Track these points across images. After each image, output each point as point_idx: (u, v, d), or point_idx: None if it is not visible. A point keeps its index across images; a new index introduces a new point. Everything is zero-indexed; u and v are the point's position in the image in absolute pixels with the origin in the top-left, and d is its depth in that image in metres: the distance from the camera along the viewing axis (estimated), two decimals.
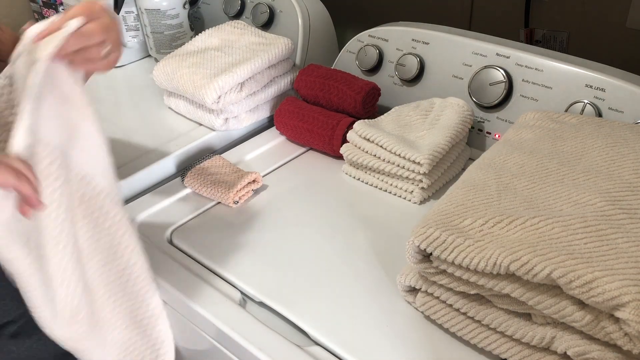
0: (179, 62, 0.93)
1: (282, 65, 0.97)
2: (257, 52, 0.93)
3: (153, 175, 0.85)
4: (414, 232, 0.54)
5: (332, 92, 0.88)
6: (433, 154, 0.74)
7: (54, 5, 1.19)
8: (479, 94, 0.83)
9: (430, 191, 0.77)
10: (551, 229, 0.51)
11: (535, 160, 0.62)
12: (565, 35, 0.96)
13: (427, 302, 0.57)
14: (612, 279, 0.44)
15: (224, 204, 0.77)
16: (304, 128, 0.86)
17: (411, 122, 0.82)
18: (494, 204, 0.55)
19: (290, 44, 0.96)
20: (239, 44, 0.97)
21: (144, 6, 1.09)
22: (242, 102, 0.92)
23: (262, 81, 0.94)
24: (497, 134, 0.83)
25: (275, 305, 0.62)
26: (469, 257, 0.50)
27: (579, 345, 0.48)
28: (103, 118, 0.97)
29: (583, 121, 0.68)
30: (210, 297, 0.63)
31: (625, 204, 0.53)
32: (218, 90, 0.87)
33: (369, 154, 0.78)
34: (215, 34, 1.00)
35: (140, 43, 1.18)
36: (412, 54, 0.89)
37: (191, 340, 0.68)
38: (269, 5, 1.06)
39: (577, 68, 0.76)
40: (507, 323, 0.52)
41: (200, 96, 0.88)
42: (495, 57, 0.82)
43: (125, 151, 0.88)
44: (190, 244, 0.71)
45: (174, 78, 0.92)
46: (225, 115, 0.91)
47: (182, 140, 0.90)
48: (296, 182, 0.81)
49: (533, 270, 0.47)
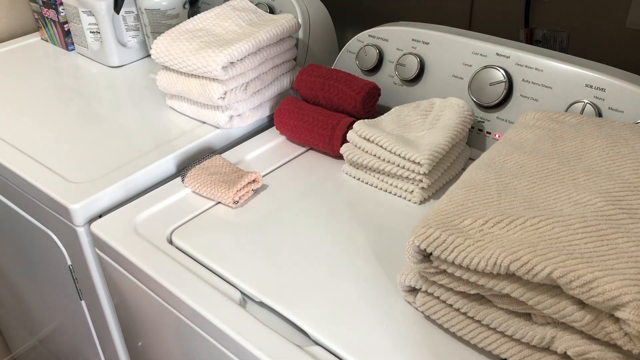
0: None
1: (285, 60, 0.97)
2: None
3: (153, 175, 0.85)
4: (414, 232, 0.54)
5: (332, 92, 0.88)
6: (433, 154, 0.74)
7: (54, 5, 1.19)
8: (479, 93, 0.83)
9: (430, 191, 0.77)
10: (551, 229, 0.51)
11: (535, 160, 0.62)
12: (565, 35, 0.96)
13: (427, 302, 0.57)
14: (612, 279, 0.44)
15: (224, 204, 0.77)
16: (304, 128, 0.86)
17: (411, 122, 0.82)
18: (494, 204, 0.55)
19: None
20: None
21: (144, 6, 1.09)
22: (247, 100, 0.92)
23: (266, 80, 0.94)
24: (497, 134, 0.83)
25: (275, 305, 0.62)
26: (469, 257, 0.50)
27: (579, 345, 0.48)
28: (103, 118, 0.97)
29: (583, 121, 0.68)
30: (210, 297, 0.63)
31: (625, 204, 0.53)
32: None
33: (369, 154, 0.78)
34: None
35: (140, 43, 1.18)
36: (412, 54, 0.89)
37: (191, 340, 0.68)
38: (269, 5, 1.06)
39: (577, 68, 0.76)
40: (507, 323, 0.52)
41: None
42: (495, 57, 0.82)
43: (125, 151, 0.88)
44: (190, 244, 0.71)
45: (178, 82, 0.92)
46: (230, 113, 0.91)
47: (182, 140, 0.90)
48: (296, 182, 0.81)
49: (533, 270, 0.47)
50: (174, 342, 0.72)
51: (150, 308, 0.72)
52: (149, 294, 0.70)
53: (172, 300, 0.66)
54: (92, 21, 1.13)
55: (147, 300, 0.71)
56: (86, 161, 0.86)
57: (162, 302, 0.68)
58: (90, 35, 1.15)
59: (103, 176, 0.82)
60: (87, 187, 0.80)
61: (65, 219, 0.79)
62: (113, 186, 0.80)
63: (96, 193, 0.79)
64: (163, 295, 0.67)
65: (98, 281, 0.84)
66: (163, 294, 0.67)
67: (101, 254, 0.76)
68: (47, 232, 0.86)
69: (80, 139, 0.91)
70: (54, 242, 0.86)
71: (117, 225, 0.75)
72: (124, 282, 0.74)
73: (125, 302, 0.78)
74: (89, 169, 0.84)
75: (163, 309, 0.69)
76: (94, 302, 0.88)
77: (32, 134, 0.93)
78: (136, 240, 0.72)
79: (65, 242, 0.84)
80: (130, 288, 0.74)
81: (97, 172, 0.83)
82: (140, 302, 0.73)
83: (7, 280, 1.15)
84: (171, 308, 0.67)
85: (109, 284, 0.80)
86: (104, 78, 1.12)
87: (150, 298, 0.70)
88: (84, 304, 0.91)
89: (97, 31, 1.14)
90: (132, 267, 0.70)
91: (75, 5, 1.13)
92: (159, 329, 0.73)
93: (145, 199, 0.79)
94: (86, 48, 1.18)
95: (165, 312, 0.69)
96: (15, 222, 0.94)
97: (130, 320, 0.80)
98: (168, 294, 0.66)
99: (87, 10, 1.12)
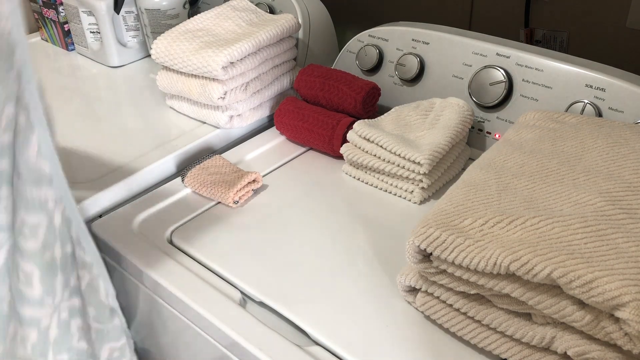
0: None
1: (285, 60, 0.97)
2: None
3: (153, 175, 0.85)
4: (414, 232, 0.54)
5: (332, 92, 0.88)
6: (433, 154, 0.74)
7: (53, 5, 1.19)
8: (479, 93, 0.83)
9: (430, 191, 0.77)
10: (551, 229, 0.51)
11: (535, 160, 0.62)
12: (565, 35, 0.96)
13: (427, 302, 0.57)
14: (612, 279, 0.44)
15: (224, 204, 0.77)
16: (304, 128, 0.86)
17: (411, 122, 0.82)
18: (494, 204, 0.55)
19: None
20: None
21: (144, 6, 1.09)
22: (247, 100, 0.92)
23: (266, 80, 0.94)
24: (497, 134, 0.83)
25: (275, 305, 0.62)
26: (469, 257, 0.50)
27: (579, 345, 0.48)
28: (103, 118, 0.97)
29: (583, 121, 0.68)
30: (210, 297, 0.63)
31: (625, 204, 0.53)
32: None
33: (369, 153, 0.78)
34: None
35: (140, 43, 1.18)
36: (412, 54, 0.89)
37: (191, 340, 0.68)
38: (269, 5, 1.06)
39: (577, 68, 0.76)
40: (507, 323, 0.52)
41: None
42: (495, 57, 0.82)
43: (125, 151, 0.88)
44: (190, 244, 0.71)
45: (178, 82, 0.92)
46: (230, 113, 0.91)
47: (182, 140, 0.90)
48: (296, 182, 0.81)
49: (533, 270, 0.47)
50: (174, 342, 0.72)
51: (151, 308, 0.72)
52: (149, 294, 0.70)
53: (172, 301, 0.66)
54: (92, 21, 1.13)
55: (148, 301, 0.71)
56: (86, 161, 0.86)
57: (162, 302, 0.68)
58: (90, 35, 1.15)
59: (103, 176, 0.82)
60: (87, 187, 0.80)
61: None
62: (113, 186, 0.80)
63: (96, 193, 0.79)
64: (163, 296, 0.67)
65: None
66: (163, 294, 0.67)
67: (101, 254, 0.76)
68: None
69: (80, 139, 0.91)
70: None
71: (117, 225, 0.75)
72: (124, 282, 0.74)
73: (126, 303, 0.78)
74: (89, 169, 0.84)
75: (163, 309, 0.69)
76: None
77: None
78: (136, 240, 0.72)
79: None
80: (130, 288, 0.74)
81: (97, 172, 0.83)
82: (141, 302, 0.73)
83: None
84: (171, 308, 0.67)
85: None
86: (104, 78, 1.12)
87: (150, 298, 0.70)
88: None
89: (97, 31, 1.14)
90: (132, 267, 0.70)
91: (75, 5, 1.13)
92: (159, 329, 0.73)
93: (145, 199, 0.79)
94: (86, 48, 1.18)
95: (165, 312, 0.69)
96: None
97: (131, 320, 0.80)
98: (168, 294, 0.66)
99: (87, 10, 1.12)
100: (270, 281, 0.64)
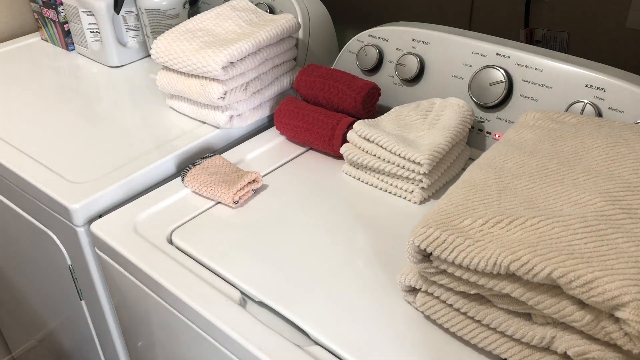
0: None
1: (285, 61, 0.97)
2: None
3: (153, 175, 0.85)
4: (414, 232, 0.54)
5: (332, 92, 0.88)
6: (433, 154, 0.74)
7: (53, 5, 1.19)
8: (479, 93, 0.83)
9: (430, 191, 0.77)
10: (551, 229, 0.51)
11: (535, 160, 0.62)
12: (565, 35, 0.95)
13: (427, 302, 0.57)
14: (612, 278, 0.44)
15: (224, 204, 0.77)
16: (304, 128, 0.86)
17: (411, 122, 0.82)
18: (494, 204, 0.55)
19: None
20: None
21: (144, 6, 1.09)
22: (247, 100, 0.92)
23: (266, 80, 0.94)
24: (497, 134, 0.83)
25: (275, 305, 0.62)
26: (469, 257, 0.50)
27: (579, 345, 0.48)
28: (103, 118, 0.97)
29: (583, 121, 0.68)
30: (210, 297, 0.63)
31: (625, 204, 0.53)
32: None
33: (369, 153, 0.78)
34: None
35: (140, 43, 1.18)
36: (412, 54, 0.89)
37: (191, 340, 0.68)
38: (269, 5, 1.06)
39: (577, 68, 0.76)
40: (507, 323, 0.52)
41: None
42: (495, 57, 0.82)
43: (125, 151, 0.88)
44: (190, 244, 0.71)
45: (178, 82, 0.92)
46: (230, 113, 0.91)
47: (182, 140, 0.90)
48: (296, 182, 0.81)
49: (533, 270, 0.47)
50: (174, 342, 0.72)
51: (150, 308, 0.72)
52: (149, 294, 0.70)
53: (172, 300, 0.66)
54: (92, 21, 1.13)
55: (147, 300, 0.71)
56: (86, 161, 0.86)
57: (162, 302, 0.68)
58: (90, 35, 1.15)
59: (103, 176, 0.82)
60: (87, 187, 0.80)
61: (65, 219, 0.79)
62: (113, 186, 0.80)
63: (96, 193, 0.79)
64: (163, 295, 0.67)
65: (98, 281, 0.84)
66: (163, 294, 0.67)
67: (101, 254, 0.76)
68: (47, 232, 0.86)
69: (80, 139, 0.91)
70: (54, 242, 0.86)
71: (117, 225, 0.75)
72: (124, 282, 0.74)
73: (125, 302, 0.78)
74: (89, 169, 0.84)
75: (163, 309, 0.69)
76: (93, 302, 0.88)
77: (32, 134, 0.93)
78: (136, 240, 0.72)
79: (65, 242, 0.84)
80: (130, 288, 0.74)
81: (97, 172, 0.83)
82: (140, 302, 0.73)
83: (7, 280, 1.15)
84: (171, 308, 0.67)
85: (109, 284, 0.80)
86: (104, 78, 1.12)
87: (150, 298, 0.70)
88: (84, 304, 0.91)
89: (97, 31, 1.14)
90: (132, 267, 0.70)
91: (75, 5, 1.13)
92: (159, 329, 0.73)
93: (145, 199, 0.79)
94: (86, 48, 1.18)
95: (165, 312, 0.69)
96: (15, 222, 0.94)
97: (130, 320, 0.80)
98: (168, 294, 0.66)
99: (87, 10, 1.12)
100: (270, 281, 0.64)
